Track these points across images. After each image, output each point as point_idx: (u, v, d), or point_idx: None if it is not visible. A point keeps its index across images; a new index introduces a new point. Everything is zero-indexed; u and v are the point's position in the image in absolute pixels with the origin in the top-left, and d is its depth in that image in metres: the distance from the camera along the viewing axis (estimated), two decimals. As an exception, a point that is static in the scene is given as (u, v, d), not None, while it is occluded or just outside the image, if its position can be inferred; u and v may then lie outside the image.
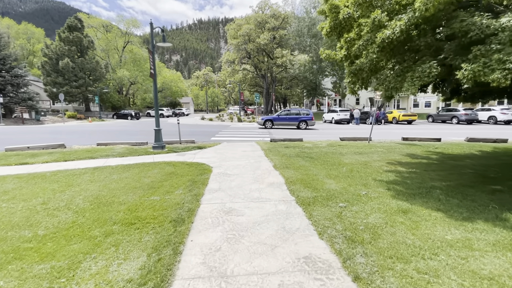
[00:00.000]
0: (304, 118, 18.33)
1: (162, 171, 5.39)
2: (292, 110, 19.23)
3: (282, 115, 19.05)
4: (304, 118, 18.30)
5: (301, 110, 19.22)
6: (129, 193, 4.04)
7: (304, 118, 18.30)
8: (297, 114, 18.73)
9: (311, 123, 18.52)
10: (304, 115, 18.50)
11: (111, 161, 6.73)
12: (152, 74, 8.00)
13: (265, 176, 5.06)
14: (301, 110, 19.10)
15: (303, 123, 18.31)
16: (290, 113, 18.91)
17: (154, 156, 7.53)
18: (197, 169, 5.56)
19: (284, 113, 19.20)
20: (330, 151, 8.02)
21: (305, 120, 18.26)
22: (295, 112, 18.99)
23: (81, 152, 8.06)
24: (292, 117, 18.60)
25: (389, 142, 10.54)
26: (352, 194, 3.89)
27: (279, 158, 6.85)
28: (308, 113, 18.69)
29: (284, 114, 19.00)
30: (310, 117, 18.48)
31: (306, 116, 18.45)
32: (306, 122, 18.29)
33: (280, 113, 19.48)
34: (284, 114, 19.09)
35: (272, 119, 18.83)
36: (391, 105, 39.51)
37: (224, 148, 8.96)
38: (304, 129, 18.21)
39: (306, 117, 18.43)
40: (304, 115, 18.50)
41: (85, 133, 15.68)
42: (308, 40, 33.50)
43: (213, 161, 6.63)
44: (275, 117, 19.03)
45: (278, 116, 19.03)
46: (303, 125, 18.35)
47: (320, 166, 5.80)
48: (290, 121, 18.46)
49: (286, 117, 18.72)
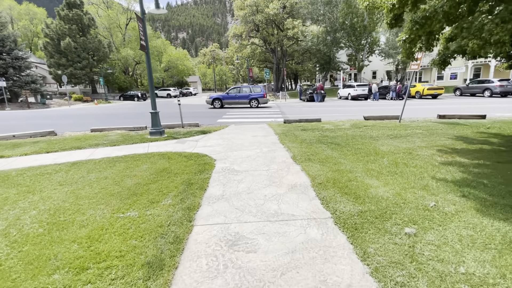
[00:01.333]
0: (255, 95, 17.38)
1: (152, 167, 4.30)
2: (243, 88, 18.06)
3: (232, 93, 17.79)
4: (255, 96, 17.35)
5: (252, 87, 18.00)
6: (101, 204, 2.98)
7: (255, 96, 17.35)
8: (248, 92, 17.66)
9: (262, 100, 17.55)
10: (255, 93, 17.53)
11: (98, 152, 5.71)
12: (143, 46, 6.69)
13: (283, 173, 3.87)
14: (253, 87, 17.94)
15: (254, 101, 17.37)
16: (241, 91, 17.79)
17: (150, 144, 6.45)
18: (196, 164, 4.43)
19: (234, 90, 17.94)
20: (358, 134, 6.68)
21: (256, 97, 17.34)
22: (246, 89, 17.88)
23: (70, 140, 7.10)
24: (243, 95, 17.54)
25: (423, 120, 9.01)
26: (415, 206, 2.66)
27: (298, 145, 5.60)
28: (260, 90, 17.67)
29: (234, 92, 17.77)
30: (262, 94, 17.46)
31: (258, 94, 17.47)
32: (258, 100, 17.37)
33: (229, 90, 18.21)
34: (234, 92, 17.83)
35: (221, 98, 17.76)
36: (412, 77, 36.51)
37: (232, 132, 7.77)
38: (256, 107, 17.20)
39: (257, 94, 17.45)
40: (255, 93, 17.53)
41: (86, 116, 14.82)
42: (322, 8, 30.42)
43: (217, 150, 5.47)
44: (224, 95, 17.88)
45: (228, 94, 17.85)
46: (254, 103, 17.38)
47: (352, 157, 4.53)
48: (241, 99, 17.48)
49: (236, 95, 17.57)
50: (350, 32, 30.59)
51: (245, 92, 17.67)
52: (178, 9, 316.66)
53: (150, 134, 7.36)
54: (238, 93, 17.67)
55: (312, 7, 30.99)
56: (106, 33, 42.72)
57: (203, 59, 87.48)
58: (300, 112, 14.36)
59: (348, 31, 30.66)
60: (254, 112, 14.45)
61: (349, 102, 21.30)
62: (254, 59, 43.13)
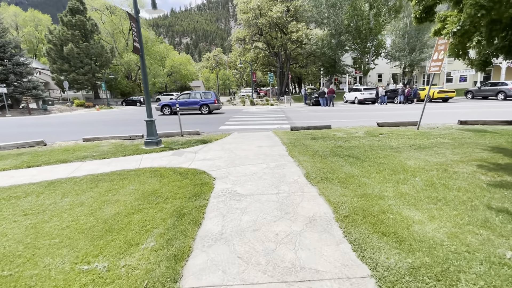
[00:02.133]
0: (206, 101, 16.92)
1: (139, 190, 3.62)
2: (193, 93, 17.51)
3: (182, 99, 17.24)
4: (206, 102, 16.90)
5: (203, 92, 17.46)
6: (64, 247, 2.30)
7: (206, 102, 16.90)
8: (198, 98, 17.16)
9: (213, 107, 17.04)
10: (206, 99, 17.04)
11: (84, 167, 5.07)
12: (136, 48, 6.08)
13: (296, 198, 3.16)
14: (204, 93, 17.41)
15: (205, 107, 16.90)
16: (191, 97, 17.24)
17: (143, 156, 5.80)
18: (192, 184, 3.75)
19: (184, 97, 17.35)
20: (376, 144, 5.95)
21: (207, 104, 16.87)
22: (197, 95, 17.37)
23: (57, 152, 6.48)
24: (193, 101, 17.02)
25: (443, 127, 8.24)
26: (486, 257, 1.93)
27: (310, 158, 4.89)
28: (211, 96, 17.14)
29: (184, 98, 17.19)
30: (212, 100, 16.96)
31: (208, 100, 16.99)
32: (208, 106, 16.92)
33: (178, 96, 17.64)
34: (184, 98, 17.24)
35: (171, 104, 17.20)
36: (420, 80, 35.63)
37: (234, 141, 7.09)
38: (208, 113, 16.74)
39: (208, 100, 16.98)
40: (206, 99, 17.04)
41: (84, 123, 14.30)
42: (326, 11, 29.86)
43: (217, 165, 4.79)
44: (174, 102, 17.21)
45: (177, 101, 17.14)
46: (205, 109, 16.90)
47: (377, 175, 3.81)
48: (191, 105, 16.98)
49: (185, 101, 17.00)
50: (355, 35, 29.94)
51: (196, 98, 17.15)
52: (182, 14, 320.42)
53: (145, 144, 6.72)
54: (188, 99, 17.14)
55: (316, 10, 30.49)
56: (109, 39, 42.75)
57: (207, 64, 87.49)
58: (306, 117, 13.66)
59: (353, 34, 30.03)
60: (257, 118, 13.79)
61: (356, 107, 20.56)
62: (258, 63, 42.67)
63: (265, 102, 27.76)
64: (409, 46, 28.50)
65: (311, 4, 30.41)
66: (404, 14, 28.68)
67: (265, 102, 27.76)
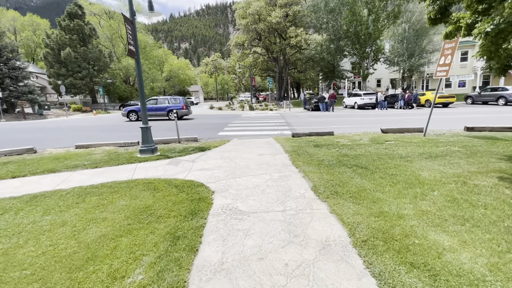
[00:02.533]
0: (174, 107, 16.61)
1: (131, 206, 3.27)
2: (160, 99, 17.12)
3: (149, 105, 16.87)
4: (174, 107, 16.58)
5: (170, 98, 17.08)
6: (34, 283, 1.95)
7: (174, 107, 16.58)
8: (165, 103, 16.83)
9: (181, 112, 16.75)
10: (173, 104, 16.74)
11: (73, 177, 4.71)
12: (131, 51, 5.79)
13: (305, 217, 2.82)
14: (171, 98, 17.05)
15: (172, 113, 16.45)
16: (158, 103, 16.88)
17: (138, 165, 5.45)
18: (188, 199, 3.40)
19: (151, 102, 16.96)
20: (383, 153, 5.65)
21: (175, 109, 16.48)
22: (164, 100, 17.03)
23: (47, 160, 6.12)
24: (160, 107, 16.67)
25: (450, 134, 7.97)
26: (542, 299, 1.60)
27: (315, 169, 4.57)
28: (179, 102, 16.84)
29: (151, 104, 16.83)
30: (181, 106, 16.66)
31: (176, 105, 16.69)
32: (176, 112, 16.30)
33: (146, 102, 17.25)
34: (151, 103, 16.87)
35: (137, 110, 16.83)
36: (419, 85, 35.63)
37: (234, 149, 6.77)
38: (176, 119, 16.52)
39: (175, 106, 16.68)
40: (173, 104, 16.74)
41: (79, 129, 13.92)
42: (325, 17, 29.90)
43: (217, 176, 4.45)
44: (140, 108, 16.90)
45: None
46: (172, 115, 16.47)
47: (391, 189, 3.49)
48: (158, 111, 16.64)
49: (152, 107, 16.65)
50: (354, 40, 29.96)
51: (163, 103, 16.82)
52: (181, 20, 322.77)
53: (140, 152, 6.38)
54: (155, 104, 16.76)
55: (315, 15, 30.53)
56: (108, 43, 42.60)
57: (205, 69, 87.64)
58: (307, 123, 13.39)
59: (352, 39, 30.05)
60: (257, 123, 13.50)
61: (356, 112, 20.35)
62: (257, 68, 42.63)
63: (264, 107, 27.53)
64: (408, 51, 28.53)
65: (310, 10, 30.47)
66: (402, 20, 28.78)
67: (264, 107, 27.53)
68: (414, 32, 28.43)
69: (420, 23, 27.90)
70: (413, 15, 27.95)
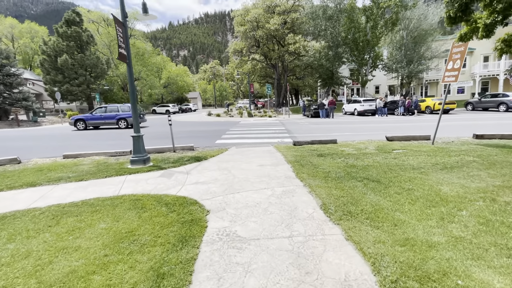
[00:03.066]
0: (123, 115, 16.14)
1: (111, 230, 2.81)
2: (110, 107, 16.72)
3: (97, 113, 16.49)
4: (123, 116, 16.12)
5: (120, 106, 16.67)
6: None
7: (123, 116, 16.12)
8: (115, 111, 16.39)
9: (131, 120, 16.45)
10: (123, 112, 16.26)
11: (53, 193, 4.24)
12: (122, 55, 5.39)
13: (316, 245, 2.38)
14: (120, 106, 16.60)
15: (122, 122, 16.11)
16: (107, 111, 16.48)
17: (127, 178, 4.99)
18: (179, 222, 2.94)
19: (100, 110, 16.63)
20: (393, 163, 5.23)
21: (125, 117, 16.09)
22: (113, 108, 16.59)
23: (29, 172, 5.64)
24: (109, 115, 16.25)
25: (459, 142, 7.59)
26: None
27: (322, 182, 4.14)
28: (129, 110, 16.29)
29: (100, 112, 16.50)
30: (130, 114, 16.08)
31: (126, 113, 16.18)
32: (126, 120, 16.10)
33: (94, 110, 16.90)
34: (100, 112, 16.54)
35: (85, 119, 16.39)
36: (417, 92, 35.59)
37: (232, 158, 6.33)
38: (125, 128, 15.96)
39: (125, 114, 16.18)
40: (123, 112, 16.26)
41: (72, 136, 13.44)
42: (323, 24, 29.95)
43: (212, 191, 4.00)
44: (88, 116, 16.53)
45: (92, 115, 16.50)
46: (122, 123, 16.11)
47: (412, 207, 3.05)
48: (107, 119, 16.23)
49: (101, 115, 16.31)
50: (352, 47, 29.98)
51: (112, 111, 16.39)
52: (180, 28, 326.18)
53: (131, 163, 5.92)
54: (104, 112, 16.38)
55: (314, 22, 30.59)
56: (106, 50, 42.45)
57: (204, 76, 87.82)
58: (308, 130, 13.01)
59: (350, 46, 30.08)
60: (256, 130, 13.09)
61: (356, 118, 20.05)
62: (255, 75, 42.55)
63: (263, 114, 27.22)
64: (407, 58, 28.52)
65: (308, 17, 30.54)
66: (400, 27, 28.87)
67: (263, 114, 27.22)
68: (412, 39, 28.47)
69: (418, 30, 27.98)
70: (411, 22, 28.04)
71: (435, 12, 28.04)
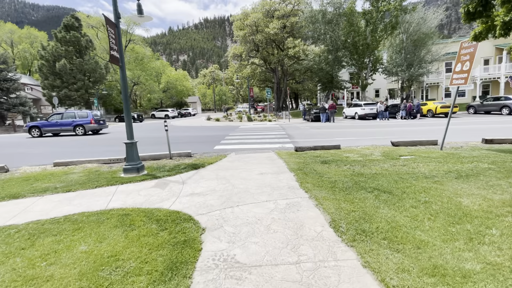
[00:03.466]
0: (80, 122, 15.97)
1: (92, 254, 2.46)
2: (66, 113, 16.50)
3: (53, 119, 16.17)
4: (80, 122, 15.95)
5: (77, 112, 16.53)
6: None
7: (80, 122, 15.95)
8: (72, 118, 16.18)
9: (89, 127, 16.12)
10: (80, 119, 16.08)
11: (36, 206, 3.89)
12: (113, 57, 5.09)
13: (329, 274, 2.03)
14: (78, 113, 16.47)
15: (79, 128, 15.94)
16: (64, 117, 16.24)
17: (118, 188, 4.64)
18: (170, 243, 2.59)
19: (56, 117, 16.33)
20: (403, 171, 4.89)
21: (82, 124, 15.91)
22: (70, 115, 16.40)
23: (14, 182, 5.29)
24: (65, 122, 16.00)
25: (469, 147, 7.27)
26: None
27: (330, 194, 3.79)
28: (86, 116, 16.20)
29: (56, 119, 16.18)
30: (88, 120, 16.05)
31: (83, 120, 16.04)
32: (83, 127, 15.93)
33: (50, 117, 16.59)
34: (55, 118, 16.23)
35: (40, 126, 16.06)
36: (418, 95, 35.41)
37: (231, 166, 5.99)
38: (83, 134, 15.80)
39: (82, 120, 16.03)
40: (80, 119, 16.08)
41: (67, 143, 13.10)
42: (323, 27, 29.87)
43: (209, 204, 3.65)
44: (44, 123, 16.22)
45: (48, 121, 16.18)
46: (79, 130, 15.94)
47: (433, 224, 2.71)
48: (63, 126, 15.99)
49: (57, 122, 16.03)
50: (352, 51, 29.87)
51: (68, 118, 16.15)
52: (180, 33, 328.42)
53: (123, 171, 5.58)
54: (60, 119, 16.10)
55: (313, 26, 30.51)
56: (105, 55, 42.35)
57: (203, 80, 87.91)
58: (309, 135, 12.69)
59: (350, 50, 29.96)
60: (256, 135, 12.77)
61: (358, 122, 19.77)
62: (255, 79, 42.42)
63: (262, 118, 26.94)
64: (407, 61, 28.37)
65: (308, 21, 30.48)
66: (400, 30, 28.78)
67: (262, 118, 26.94)
68: (412, 42, 28.35)
69: (418, 33, 27.87)
70: (411, 25, 27.94)
71: (434, 16, 28.01)
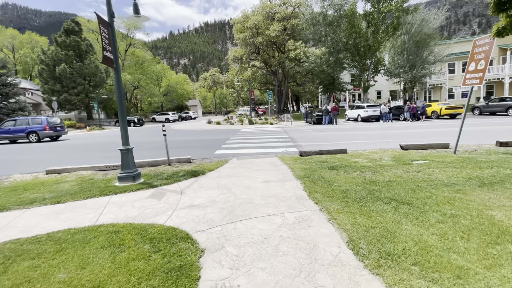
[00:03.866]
0: (34, 128, 15.51)
1: (71, 284, 2.10)
2: (19, 120, 16.03)
3: (5, 126, 15.74)
4: (34, 129, 15.48)
5: (31, 118, 16.07)
6: None
7: (34, 129, 15.48)
8: (25, 124, 15.74)
9: (44, 134, 15.65)
10: (34, 125, 15.61)
11: (19, 221, 3.54)
12: (107, 58, 4.77)
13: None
14: (32, 119, 16.01)
15: (33, 135, 15.48)
16: (17, 124, 15.79)
17: (111, 199, 4.29)
18: (163, 270, 2.23)
19: (9, 124, 15.89)
20: (419, 178, 4.52)
21: (35, 131, 15.44)
22: (24, 122, 15.91)
23: (1, 193, 4.95)
24: (18, 129, 15.53)
25: (482, 150, 6.90)
26: None
27: (343, 206, 3.42)
28: (40, 122, 15.76)
29: (8, 126, 15.74)
30: (42, 127, 15.60)
31: (37, 126, 15.59)
32: (37, 134, 15.47)
33: (2, 123, 16.17)
34: (9, 125, 15.79)
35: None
36: (421, 97, 35.02)
37: (233, 173, 5.63)
38: (36, 141, 15.40)
39: (36, 127, 15.57)
40: (34, 125, 15.61)
41: (64, 148, 12.79)
42: (324, 29, 29.64)
43: (209, 218, 3.29)
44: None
45: (0, 128, 15.81)
46: (33, 137, 15.50)
47: (467, 244, 2.34)
48: (16, 133, 15.55)
49: (9, 129, 15.59)
50: (354, 52, 29.60)
51: (22, 124, 15.72)
52: (180, 37, 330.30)
53: (118, 180, 5.23)
54: (13, 126, 15.68)
55: (314, 28, 30.31)
56: (105, 59, 42.27)
57: (204, 83, 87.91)
58: (312, 138, 12.33)
59: (352, 51, 29.70)
60: (258, 139, 12.42)
61: (361, 125, 19.40)
62: (255, 82, 42.20)
63: (264, 121, 26.62)
64: (409, 62, 28.04)
65: (309, 23, 30.29)
66: (402, 32, 28.51)
67: (264, 121, 26.62)
68: (414, 43, 28.05)
69: (420, 34, 27.56)
70: (412, 26, 27.65)
71: (436, 16, 27.72)
